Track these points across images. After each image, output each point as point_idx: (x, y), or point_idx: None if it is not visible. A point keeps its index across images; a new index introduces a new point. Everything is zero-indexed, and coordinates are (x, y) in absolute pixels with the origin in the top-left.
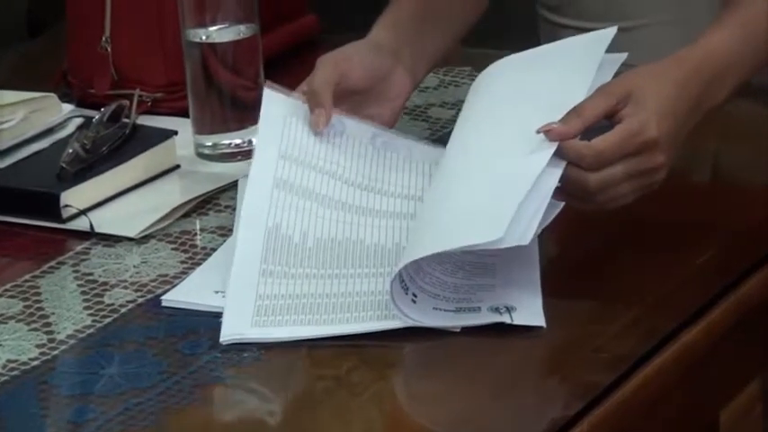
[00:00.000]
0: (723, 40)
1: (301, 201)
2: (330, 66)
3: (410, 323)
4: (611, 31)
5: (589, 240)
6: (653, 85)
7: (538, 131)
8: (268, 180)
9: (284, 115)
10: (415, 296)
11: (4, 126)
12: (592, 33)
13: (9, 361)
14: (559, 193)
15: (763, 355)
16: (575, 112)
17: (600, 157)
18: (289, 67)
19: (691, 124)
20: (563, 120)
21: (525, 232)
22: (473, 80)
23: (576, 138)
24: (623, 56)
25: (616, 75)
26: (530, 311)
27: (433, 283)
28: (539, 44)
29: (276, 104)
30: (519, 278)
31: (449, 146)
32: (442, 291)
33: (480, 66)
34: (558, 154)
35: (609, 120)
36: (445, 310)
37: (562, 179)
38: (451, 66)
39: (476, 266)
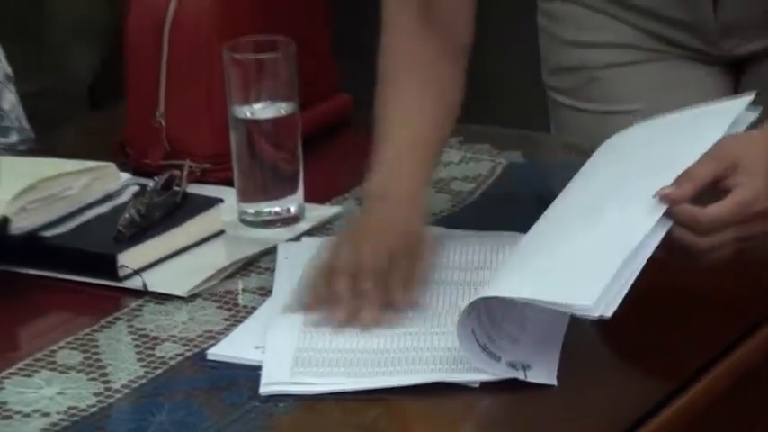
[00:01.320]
0: None
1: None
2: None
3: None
4: (745, 100)
5: None
6: (758, 155)
7: (654, 196)
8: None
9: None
10: (470, 309)
11: (68, 193)
12: (725, 103)
13: (70, 408)
14: (662, 250)
15: (759, 418)
16: (687, 176)
17: (715, 223)
18: (325, 143)
19: None
20: (676, 183)
21: (610, 305)
22: (491, 156)
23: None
24: (755, 114)
25: None
26: (544, 370)
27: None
28: (548, 123)
29: (290, 250)
30: (544, 338)
31: (562, 194)
32: (484, 314)
33: (497, 142)
34: (671, 216)
35: (714, 185)
36: (476, 339)
37: (664, 239)
38: (472, 143)
39: (514, 312)
